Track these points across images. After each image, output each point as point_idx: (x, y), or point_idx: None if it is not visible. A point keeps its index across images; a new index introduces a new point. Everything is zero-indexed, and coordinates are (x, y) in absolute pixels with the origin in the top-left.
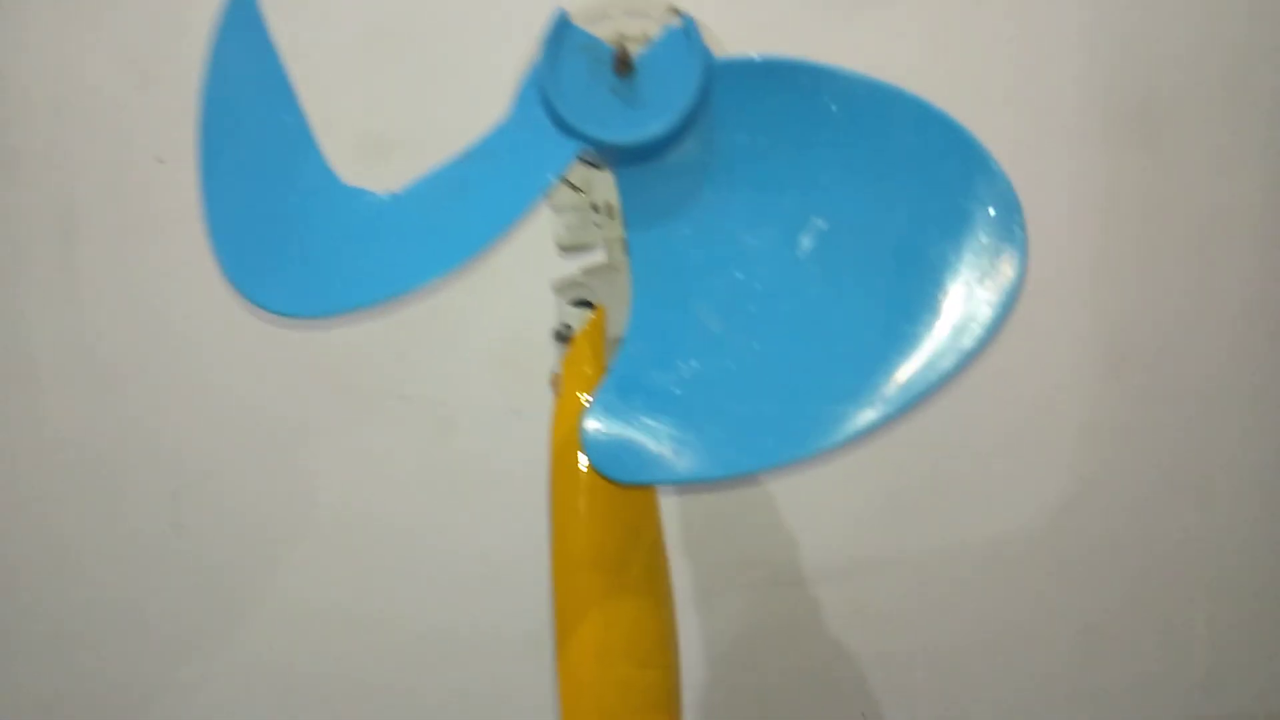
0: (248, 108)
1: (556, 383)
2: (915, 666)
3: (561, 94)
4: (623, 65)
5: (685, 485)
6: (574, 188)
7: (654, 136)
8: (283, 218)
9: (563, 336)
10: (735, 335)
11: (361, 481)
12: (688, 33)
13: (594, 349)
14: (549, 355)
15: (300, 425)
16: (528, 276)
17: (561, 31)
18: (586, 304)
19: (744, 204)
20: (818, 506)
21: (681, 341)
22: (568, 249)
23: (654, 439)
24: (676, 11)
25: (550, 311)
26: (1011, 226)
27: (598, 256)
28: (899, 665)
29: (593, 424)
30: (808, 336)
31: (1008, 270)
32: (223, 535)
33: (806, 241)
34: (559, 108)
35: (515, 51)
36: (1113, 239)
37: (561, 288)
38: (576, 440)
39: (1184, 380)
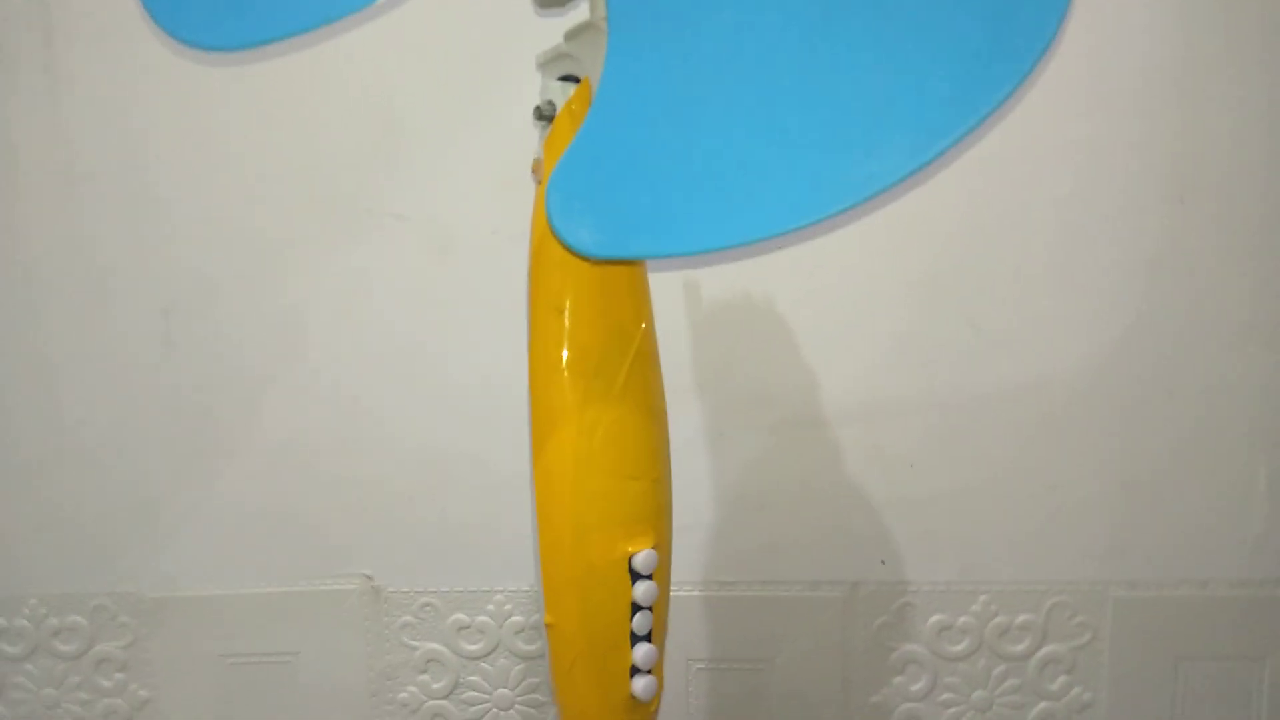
0: None
1: (538, 168)
2: (937, 513)
3: None
4: None
5: (668, 260)
6: None
7: None
8: None
9: (544, 115)
10: (724, 84)
11: (353, 301)
12: None
13: (576, 124)
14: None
15: (292, 241)
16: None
17: None
18: (572, 79)
19: None
20: (841, 344)
21: (661, 92)
22: (546, 5)
23: (631, 206)
24: None
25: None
26: None
27: (581, 12)
28: (919, 510)
29: (558, 188)
30: (811, 77)
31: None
32: (214, 354)
33: None
34: None
35: None
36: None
37: (545, 61)
38: None
39: (1253, 210)
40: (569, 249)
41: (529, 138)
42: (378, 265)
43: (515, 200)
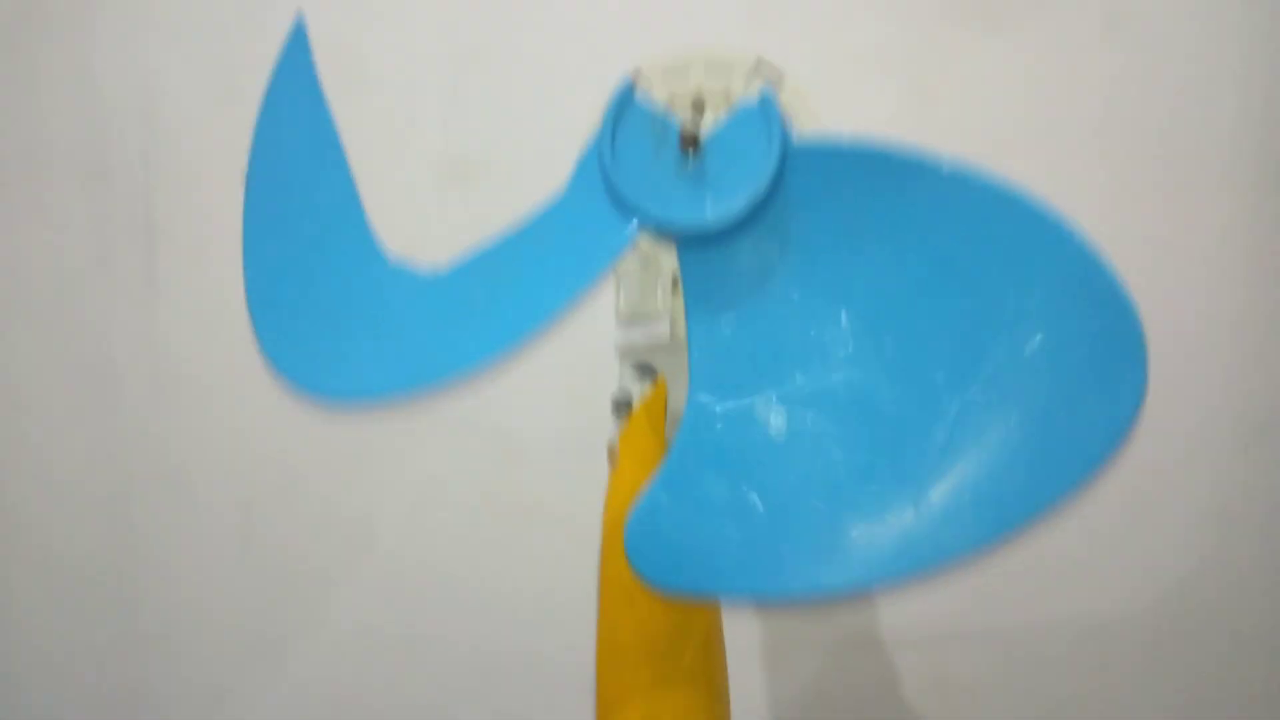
0: (296, 169)
1: (613, 456)
2: None
3: (621, 169)
4: (689, 143)
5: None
6: (639, 253)
7: (719, 223)
8: (325, 294)
9: (621, 407)
10: (800, 441)
11: (421, 506)
12: (764, 109)
13: (653, 423)
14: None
15: (367, 442)
16: (604, 305)
17: (625, 102)
18: (649, 370)
19: (819, 299)
20: None
21: (739, 442)
22: (629, 319)
23: (702, 547)
24: (763, 68)
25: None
26: (1134, 366)
27: (662, 326)
28: None
29: (636, 526)
30: (886, 451)
31: (1125, 406)
32: (288, 550)
33: (888, 346)
34: (618, 183)
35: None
36: (1255, 301)
37: (624, 351)
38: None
39: None
40: (650, 588)
41: (600, 350)
42: (446, 471)
43: (584, 413)
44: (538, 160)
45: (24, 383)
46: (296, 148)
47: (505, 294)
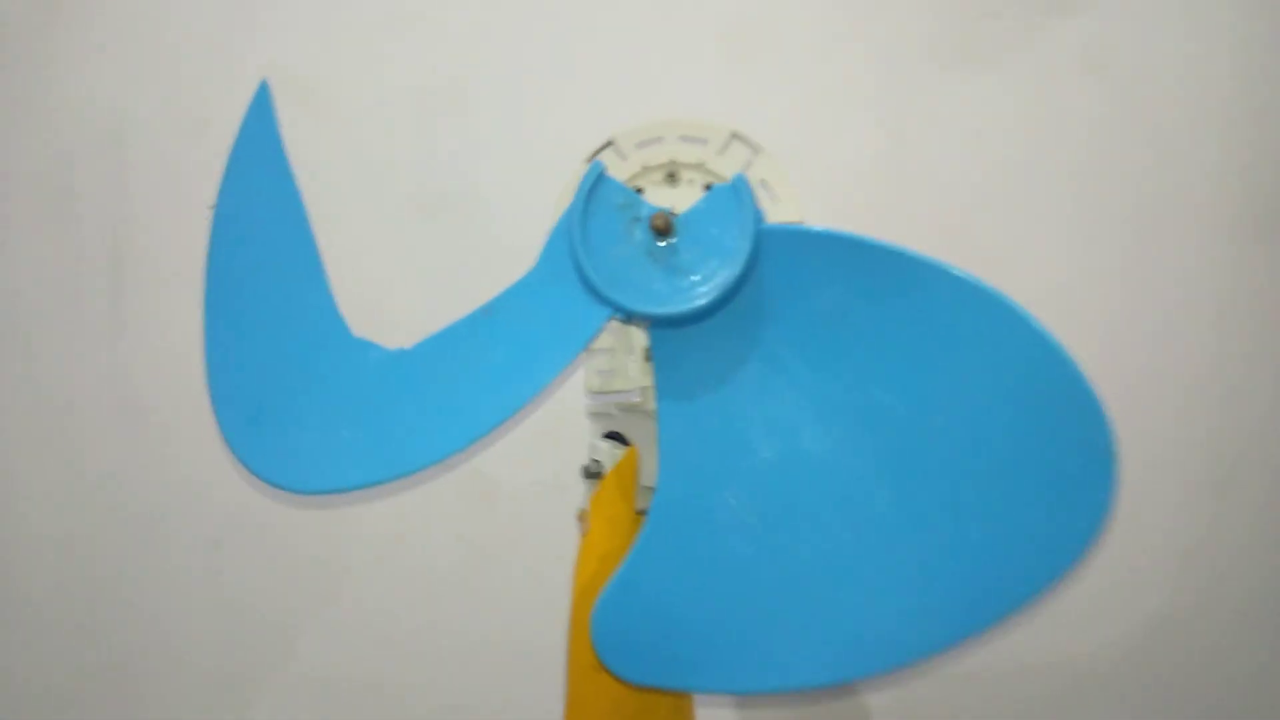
0: (258, 247)
1: (584, 520)
2: None
3: (592, 256)
4: (662, 230)
5: None
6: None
7: (692, 310)
8: (288, 379)
9: (592, 473)
10: (769, 531)
11: (393, 544)
12: (738, 192)
13: (623, 490)
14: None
15: None
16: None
17: (596, 187)
18: (619, 438)
19: (790, 386)
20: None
21: (707, 532)
22: (599, 394)
23: (670, 640)
24: (738, 140)
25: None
26: (1104, 470)
27: (634, 397)
28: None
29: (602, 615)
30: (857, 543)
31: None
32: (258, 590)
33: (860, 435)
34: (589, 273)
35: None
36: (1227, 347)
37: (595, 416)
38: (598, 586)
39: None
40: (614, 676)
41: (573, 387)
42: (419, 511)
43: (558, 451)
44: (511, 198)
45: None
46: (259, 224)
47: (472, 380)
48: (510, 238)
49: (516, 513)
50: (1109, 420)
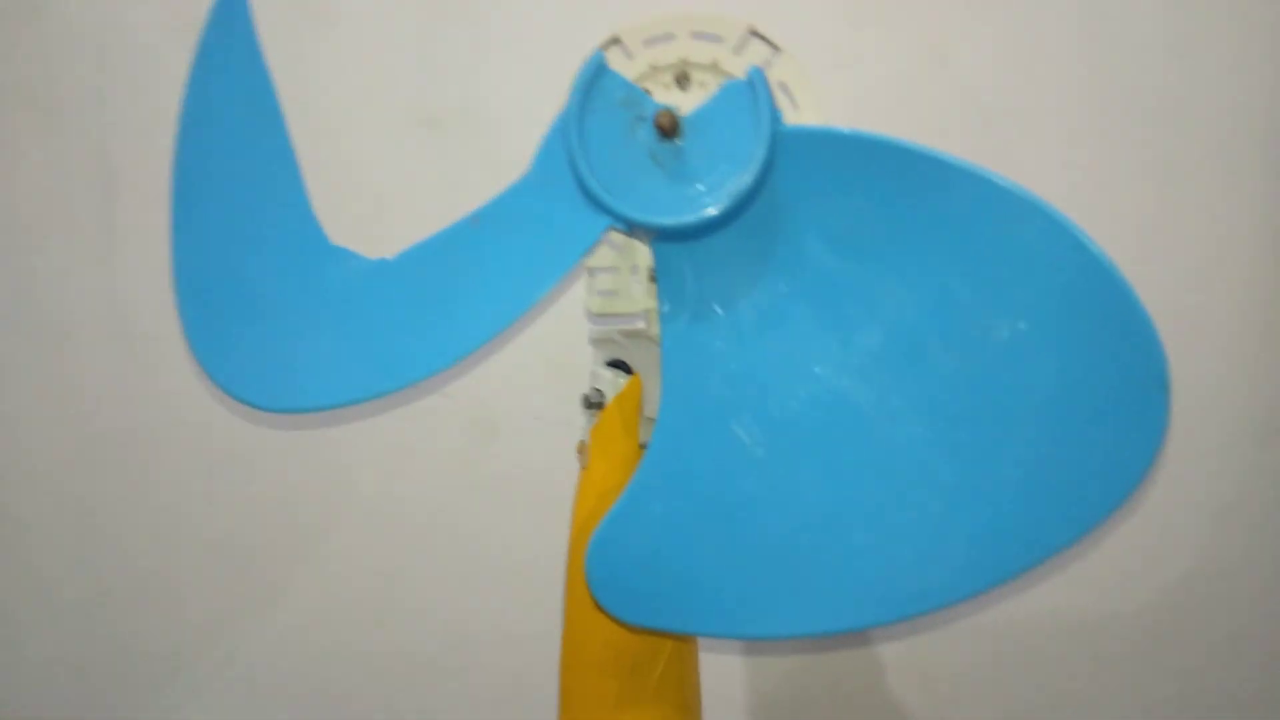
0: (230, 137)
1: (583, 452)
2: None
3: (590, 160)
4: (668, 129)
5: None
6: (611, 244)
7: (699, 221)
8: (261, 287)
9: (593, 403)
10: (779, 469)
11: (395, 476)
12: (753, 88)
13: (625, 421)
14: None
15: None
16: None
17: (595, 80)
18: (622, 366)
19: (808, 308)
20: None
21: (712, 466)
22: (600, 316)
23: (670, 579)
24: (756, 39)
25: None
26: (1154, 395)
27: (637, 322)
28: None
29: (598, 550)
30: (877, 479)
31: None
32: (254, 517)
33: (885, 362)
34: (587, 178)
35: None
36: (1277, 284)
37: (597, 343)
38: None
39: None
40: (609, 615)
41: (578, 322)
42: (420, 442)
43: (561, 386)
44: (514, 111)
45: None
46: (229, 117)
47: (460, 293)
48: (514, 154)
49: (519, 446)
50: (1162, 347)
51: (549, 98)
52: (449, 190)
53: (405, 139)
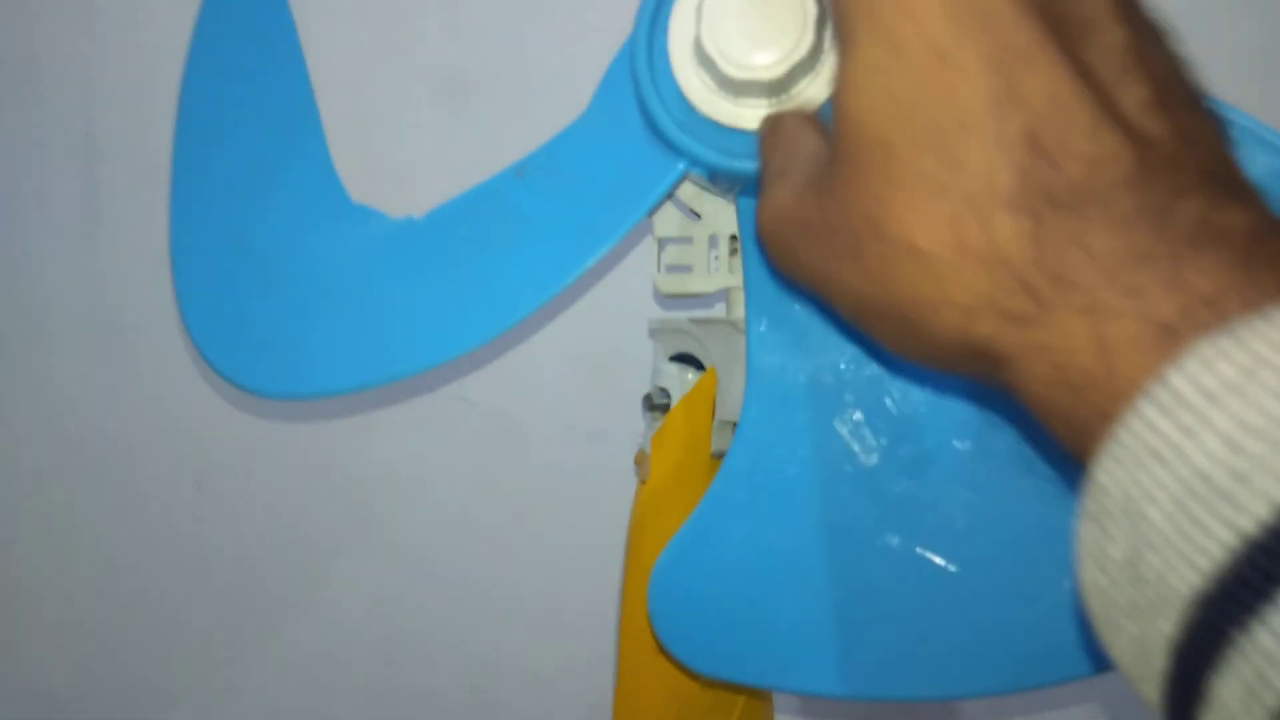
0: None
1: (642, 464)
2: None
3: (662, 92)
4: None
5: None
6: (684, 211)
7: None
8: (266, 250)
9: (656, 405)
10: (895, 476)
11: (410, 492)
12: None
13: (694, 429)
14: (642, 370)
15: (345, 411)
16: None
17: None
18: (692, 361)
19: None
20: None
21: (807, 478)
22: (671, 296)
23: (751, 622)
24: None
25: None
26: None
27: (714, 304)
28: None
29: (662, 583)
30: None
31: None
32: (253, 535)
33: None
34: (656, 113)
35: None
36: None
37: (661, 333)
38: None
39: None
40: (675, 663)
41: (613, 327)
42: (439, 455)
43: (592, 394)
44: (553, 74)
45: None
46: (242, 62)
47: (499, 254)
48: (553, 125)
49: (552, 460)
50: None
51: (595, 60)
52: (473, 167)
53: (428, 107)
